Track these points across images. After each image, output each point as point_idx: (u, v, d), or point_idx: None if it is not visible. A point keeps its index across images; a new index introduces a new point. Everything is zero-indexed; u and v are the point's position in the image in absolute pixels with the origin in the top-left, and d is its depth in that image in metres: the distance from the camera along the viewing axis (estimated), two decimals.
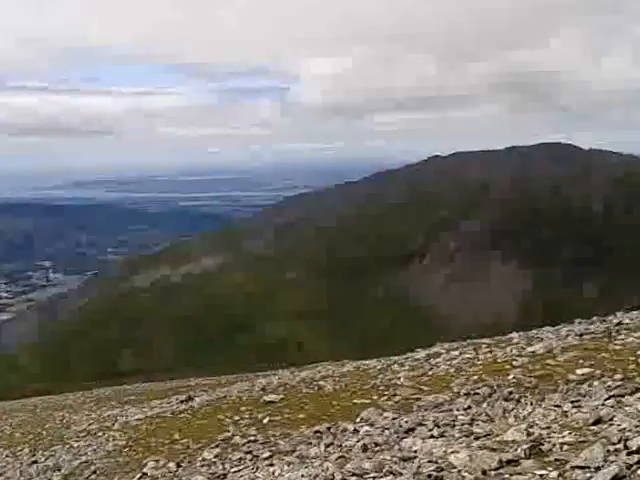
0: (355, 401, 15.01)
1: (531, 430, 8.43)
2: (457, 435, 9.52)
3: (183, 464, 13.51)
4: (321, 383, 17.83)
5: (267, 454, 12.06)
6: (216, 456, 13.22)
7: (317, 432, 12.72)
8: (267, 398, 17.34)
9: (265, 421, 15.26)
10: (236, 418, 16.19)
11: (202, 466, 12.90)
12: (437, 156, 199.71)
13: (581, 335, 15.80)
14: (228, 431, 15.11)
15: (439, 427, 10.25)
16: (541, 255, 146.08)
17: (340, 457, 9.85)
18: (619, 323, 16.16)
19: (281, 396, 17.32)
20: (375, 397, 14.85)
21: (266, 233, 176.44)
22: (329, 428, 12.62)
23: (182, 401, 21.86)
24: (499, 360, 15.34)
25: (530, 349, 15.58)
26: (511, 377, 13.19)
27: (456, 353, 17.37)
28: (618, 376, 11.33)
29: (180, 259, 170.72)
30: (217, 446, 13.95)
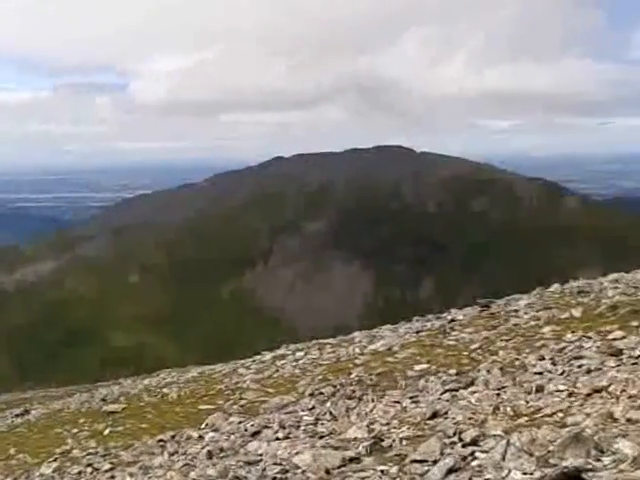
0: (200, 407, 14.87)
1: (372, 427, 8.66)
2: (302, 436, 9.64)
3: None
4: (165, 390, 17.55)
5: (108, 466, 11.72)
6: (54, 470, 12.74)
7: (161, 441, 12.49)
8: (108, 408, 16.86)
9: (106, 432, 14.84)
10: (75, 430, 15.66)
11: None
12: (280, 158, 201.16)
13: (418, 332, 16.41)
14: (67, 444, 14.59)
15: (284, 429, 10.33)
16: (382, 255, 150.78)
17: (185, 465, 9.74)
18: (453, 320, 16.89)
19: (123, 406, 16.88)
20: (221, 402, 14.77)
21: (105, 236, 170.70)
22: (173, 436, 12.43)
23: (17, 415, 20.91)
24: (342, 359, 15.68)
25: (371, 347, 16.02)
26: (353, 375, 13.51)
27: (301, 354, 17.61)
28: (452, 371, 11.86)
29: (12, 265, 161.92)
30: (55, 460, 13.44)
